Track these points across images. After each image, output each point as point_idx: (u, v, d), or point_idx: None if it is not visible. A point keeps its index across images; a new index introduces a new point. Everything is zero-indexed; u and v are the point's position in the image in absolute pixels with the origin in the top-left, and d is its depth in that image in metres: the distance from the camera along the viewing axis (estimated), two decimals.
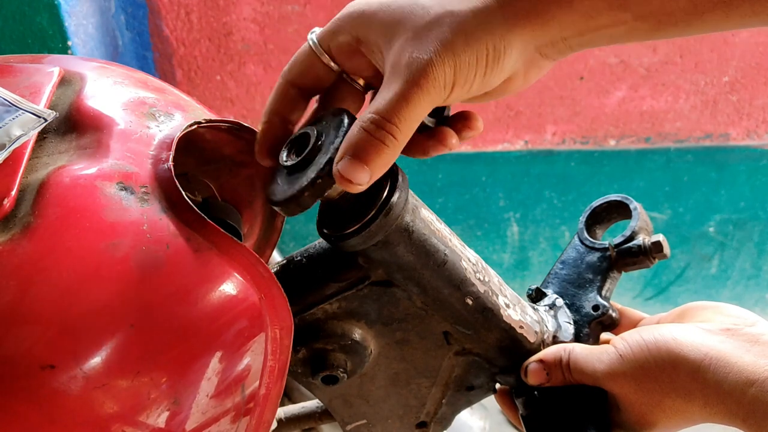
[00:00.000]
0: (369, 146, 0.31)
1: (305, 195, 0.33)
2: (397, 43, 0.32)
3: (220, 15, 1.24)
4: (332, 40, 0.36)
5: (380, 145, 0.31)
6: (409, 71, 0.31)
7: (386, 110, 0.31)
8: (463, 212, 1.57)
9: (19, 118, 0.32)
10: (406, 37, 0.32)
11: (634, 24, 0.30)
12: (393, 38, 0.32)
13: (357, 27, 0.34)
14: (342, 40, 0.35)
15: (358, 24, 0.34)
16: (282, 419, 0.57)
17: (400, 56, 0.32)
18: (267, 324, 0.34)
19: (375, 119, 0.31)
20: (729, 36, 1.38)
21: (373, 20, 0.34)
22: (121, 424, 0.28)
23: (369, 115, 0.32)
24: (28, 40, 0.95)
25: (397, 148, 0.32)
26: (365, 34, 0.34)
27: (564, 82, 1.39)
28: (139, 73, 0.43)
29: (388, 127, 0.31)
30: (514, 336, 0.45)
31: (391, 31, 0.33)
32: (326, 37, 0.36)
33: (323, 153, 0.33)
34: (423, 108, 0.32)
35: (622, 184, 1.56)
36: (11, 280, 0.27)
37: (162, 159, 0.34)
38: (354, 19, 0.35)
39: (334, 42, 0.36)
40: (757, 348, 0.37)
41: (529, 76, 0.34)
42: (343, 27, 0.35)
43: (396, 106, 0.31)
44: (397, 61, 0.32)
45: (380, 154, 0.31)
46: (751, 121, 1.49)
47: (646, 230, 0.52)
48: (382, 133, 0.31)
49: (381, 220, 0.35)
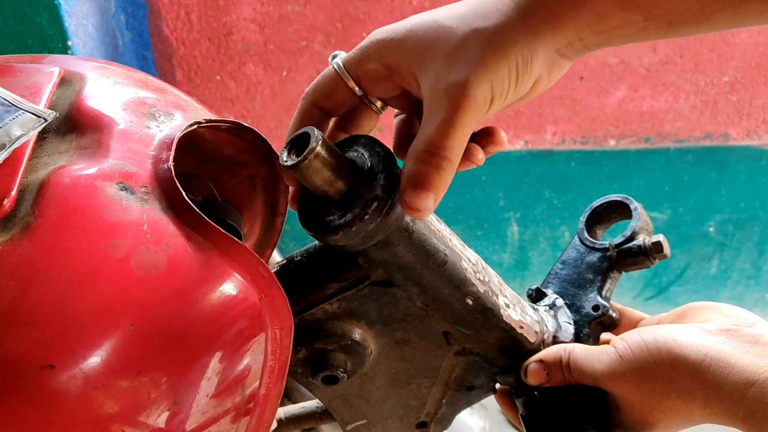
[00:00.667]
0: (428, 174, 0.33)
1: (366, 220, 0.35)
2: (432, 69, 0.33)
3: (220, 15, 1.24)
4: (360, 66, 0.37)
5: (438, 170, 0.33)
6: (450, 95, 0.32)
7: (437, 138, 0.33)
8: (463, 212, 1.57)
9: (19, 118, 0.32)
10: (439, 61, 0.33)
11: (645, 24, 0.31)
12: (426, 64, 0.34)
13: (386, 55, 0.36)
14: (371, 67, 0.36)
15: (387, 51, 0.35)
16: (282, 419, 0.57)
17: (437, 82, 0.33)
18: (267, 324, 0.34)
19: (428, 149, 0.33)
20: (729, 36, 1.38)
21: (403, 48, 0.35)
22: (121, 424, 0.28)
23: (421, 145, 0.33)
24: (28, 40, 0.95)
25: (452, 169, 0.34)
26: (396, 61, 0.35)
27: (564, 82, 1.39)
28: (139, 73, 0.43)
29: (442, 153, 0.33)
30: (514, 336, 0.45)
31: (423, 58, 0.34)
32: (353, 63, 0.37)
33: (371, 184, 0.35)
34: (469, 128, 0.33)
35: (622, 184, 1.56)
36: (11, 280, 0.27)
37: (162, 159, 0.34)
38: (382, 47, 0.36)
39: (362, 69, 0.37)
40: (757, 348, 0.37)
41: (552, 77, 0.36)
42: (371, 55, 0.36)
43: (445, 132, 0.33)
44: (435, 87, 0.33)
45: (440, 178, 0.33)
46: (751, 121, 1.49)
47: (647, 230, 0.52)
48: (437, 160, 0.33)
49: (381, 221, 0.35)
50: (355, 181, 0.36)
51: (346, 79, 0.37)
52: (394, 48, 0.35)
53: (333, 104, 0.39)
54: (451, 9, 0.35)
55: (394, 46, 0.35)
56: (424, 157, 0.33)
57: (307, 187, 0.37)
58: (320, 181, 0.35)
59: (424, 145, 0.33)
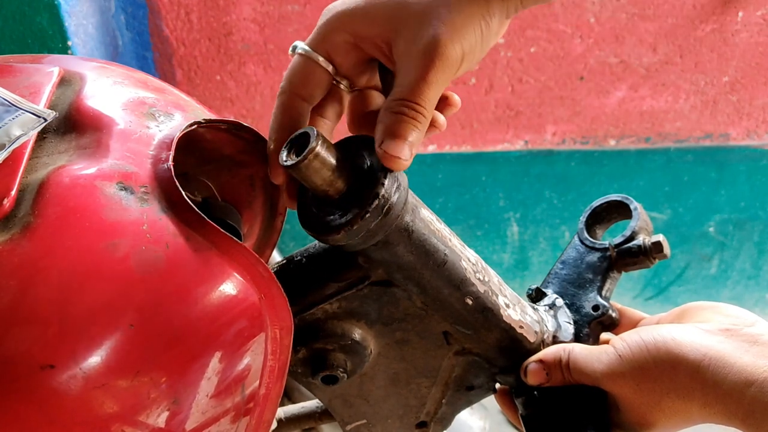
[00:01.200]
0: (405, 125, 0.35)
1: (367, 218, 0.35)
2: (404, 32, 0.35)
3: (220, 15, 1.24)
4: (326, 41, 0.38)
5: (414, 122, 0.35)
6: (425, 54, 0.34)
7: (412, 93, 0.35)
8: (463, 212, 1.57)
9: (18, 118, 0.32)
10: (410, 25, 0.35)
11: None
12: (398, 28, 0.35)
13: (353, 24, 0.37)
14: (338, 39, 0.38)
15: (354, 21, 0.37)
16: (282, 419, 0.57)
17: (412, 43, 0.35)
18: (267, 324, 0.34)
19: (405, 103, 0.35)
20: (729, 36, 1.38)
21: (371, 15, 0.36)
22: (120, 424, 0.28)
23: (398, 99, 0.35)
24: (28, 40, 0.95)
25: (425, 124, 0.35)
26: (365, 29, 0.37)
27: (564, 82, 1.39)
28: (139, 73, 0.43)
29: (417, 107, 0.35)
30: (514, 336, 0.45)
31: (394, 22, 0.36)
32: (318, 41, 0.38)
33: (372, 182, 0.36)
34: (441, 85, 0.35)
35: (622, 184, 1.56)
36: (11, 280, 0.27)
37: (162, 159, 0.34)
38: (347, 18, 0.37)
39: (330, 43, 0.38)
40: (756, 348, 0.37)
41: (499, 36, 0.38)
42: (336, 27, 0.38)
43: (420, 87, 0.35)
44: (408, 48, 0.35)
45: (414, 130, 0.35)
46: (751, 121, 1.49)
47: (647, 230, 0.52)
48: (413, 113, 0.35)
49: (381, 220, 0.35)
50: (355, 181, 0.36)
51: (316, 57, 0.38)
52: (359, 16, 0.37)
53: (311, 90, 0.39)
54: None
55: (359, 14, 0.37)
56: (400, 110, 0.35)
57: (307, 187, 0.37)
58: (320, 180, 0.35)
59: (401, 100, 0.35)
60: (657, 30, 1.35)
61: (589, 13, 1.33)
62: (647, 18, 1.34)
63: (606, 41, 1.36)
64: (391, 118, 0.35)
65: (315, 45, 0.38)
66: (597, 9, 1.32)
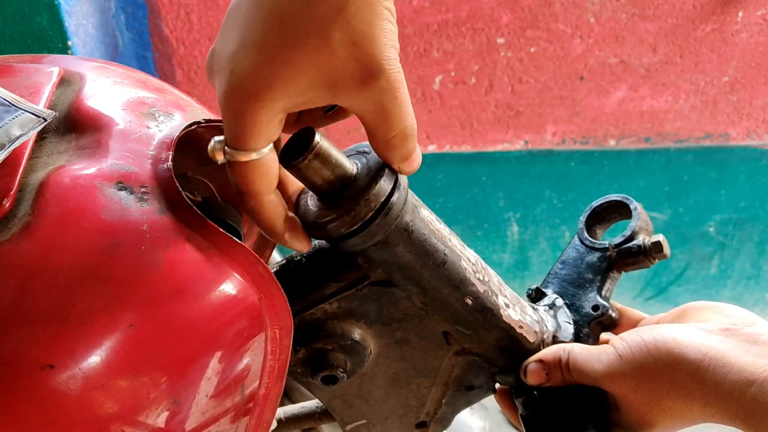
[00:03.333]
0: (404, 150, 0.35)
1: None
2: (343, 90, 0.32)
3: (220, 15, 1.24)
4: (261, 132, 0.33)
5: (409, 143, 0.35)
6: (380, 92, 0.32)
7: (390, 128, 0.33)
8: (463, 212, 1.57)
9: (18, 118, 0.32)
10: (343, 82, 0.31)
11: None
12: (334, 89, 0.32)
13: (282, 100, 0.32)
14: (274, 122, 0.33)
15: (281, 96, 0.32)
16: (282, 419, 0.57)
17: (357, 91, 0.32)
18: (267, 324, 0.34)
19: (391, 139, 0.34)
20: (729, 36, 1.38)
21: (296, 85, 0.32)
22: (120, 424, 0.28)
23: (383, 140, 0.34)
24: (28, 40, 0.95)
25: (415, 131, 0.35)
26: (299, 100, 0.33)
27: (564, 82, 1.39)
28: (139, 73, 0.43)
29: (408, 131, 0.34)
30: (513, 336, 0.45)
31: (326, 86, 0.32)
32: (249, 134, 0.33)
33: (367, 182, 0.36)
34: (407, 99, 0.34)
35: (622, 184, 1.56)
36: (10, 279, 0.27)
37: (161, 159, 0.34)
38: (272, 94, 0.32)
39: (265, 132, 0.33)
40: (756, 348, 0.37)
41: None
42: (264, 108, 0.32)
43: (396, 116, 0.33)
44: (359, 100, 0.33)
45: (413, 145, 0.35)
46: (751, 121, 1.49)
47: (646, 230, 0.52)
48: (409, 137, 0.34)
49: (381, 220, 0.35)
50: (355, 181, 0.36)
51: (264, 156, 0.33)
52: (282, 88, 0.31)
53: (276, 182, 0.35)
54: None
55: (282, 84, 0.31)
56: (396, 142, 0.34)
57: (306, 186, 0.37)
58: (320, 180, 0.35)
59: (389, 136, 0.33)
60: (657, 30, 1.35)
61: (589, 13, 1.33)
62: (647, 18, 1.34)
63: (606, 41, 1.36)
64: (391, 151, 0.34)
65: (251, 142, 0.32)
66: (597, 9, 1.32)
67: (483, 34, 1.33)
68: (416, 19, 1.30)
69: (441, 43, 1.33)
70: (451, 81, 1.37)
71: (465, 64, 1.35)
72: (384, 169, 0.36)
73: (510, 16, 1.31)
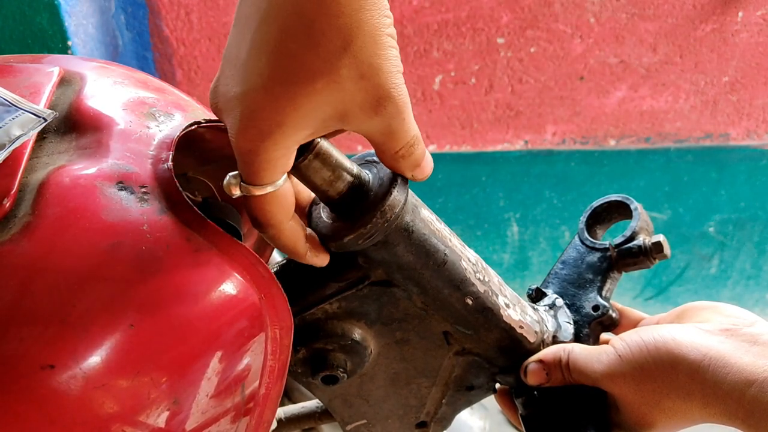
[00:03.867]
0: (413, 159, 0.35)
1: None
2: (352, 117, 0.32)
3: (220, 15, 1.24)
4: (279, 162, 0.33)
5: (418, 153, 0.35)
6: (386, 112, 0.32)
7: (399, 139, 0.34)
8: (463, 212, 1.57)
9: (18, 118, 0.32)
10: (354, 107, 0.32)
11: None
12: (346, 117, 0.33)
13: (297, 133, 0.32)
14: (290, 149, 0.33)
15: (298, 128, 0.32)
16: (282, 419, 0.57)
17: (366, 115, 0.32)
18: (267, 324, 0.34)
19: (398, 153, 0.35)
20: (729, 36, 1.38)
21: (312, 109, 0.32)
22: (120, 424, 0.28)
23: (392, 154, 0.35)
24: (28, 40, 0.95)
25: (421, 140, 0.36)
26: (314, 128, 0.33)
27: (564, 82, 1.39)
28: (139, 73, 0.44)
29: (415, 142, 0.35)
30: (513, 336, 0.45)
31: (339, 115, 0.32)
32: (275, 166, 0.33)
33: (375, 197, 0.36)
34: (411, 113, 0.34)
35: (622, 184, 1.56)
36: (11, 279, 0.27)
37: (162, 159, 0.34)
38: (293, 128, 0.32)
39: (282, 161, 0.33)
40: (756, 348, 0.37)
41: None
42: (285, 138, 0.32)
43: (402, 132, 0.34)
44: (367, 122, 0.33)
45: (421, 153, 0.36)
46: (751, 121, 1.49)
47: (647, 230, 0.52)
48: (416, 148, 0.35)
49: (382, 222, 0.35)
50: (355, 182, 0.36)
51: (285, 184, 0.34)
52: (301, 119, 0.31)
53: (293, 207, 0.36)
54: None
55: (302, 116, 0.31)
56: (405, 154, 0.34)
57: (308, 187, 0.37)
58: (320, 180, 0.35)
59: (396, 150, 0.34)
60: (657, 30, 1.35)
61: (589, 13, 1.33)
62: (647, 18, 1.34)
63: (606, 41, 1.36)
64: (400, 162, 0.35)
65: (266, 177, 0.32)
66: (597, 9, 1.32)
67: (483, 34, 1.33)
68: (416, 19, 1.30)
69: (441, 43, 1.33)
70: (451, 81, 1.37)
71: (465, 64, 1.35)
72: (397, 179, 0.36)
73: (510, 16, 1.31)
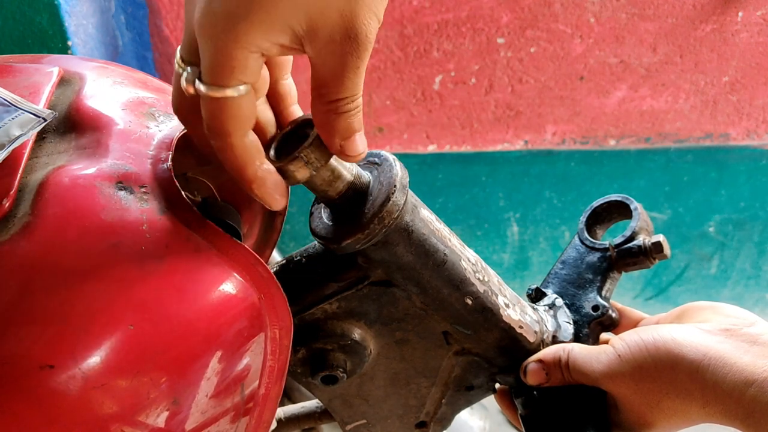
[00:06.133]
0: (352, 121, 0.32)
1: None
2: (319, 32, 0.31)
3: None
4: (241, 70, 0.32)
5: (358, 113, 0.32)
6: (343, 44, 0.30)
7: (344, 87, 0.31)
8: (463, 212, 1.57)
9: (18, 118, 0.32)
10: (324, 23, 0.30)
11: None
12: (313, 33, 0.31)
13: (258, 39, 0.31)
14: (252, 63, 0.32)
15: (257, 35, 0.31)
16: (282, 419, 0.57)
17: (326, 35, 0.30)
18: (266, 324, 0.34)
19: (339, 101, 0.31)
20: (729, 36, 1.38)
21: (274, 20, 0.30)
22: (120, 424, 0.28)
23: (331, 101, 0.31)
24: (28, 40, 0.95)
25: (361, 108, 0.33)
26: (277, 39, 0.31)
27: (564, 82, 1.39)
28: (139, 73, 0.44)
29: (355, 98, 0.32)
30: (513, 336, 0.45)
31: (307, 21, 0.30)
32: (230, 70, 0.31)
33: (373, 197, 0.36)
34: (364, 68, 0.32)
35: (622, 184, 1.56)
36: (10, 279, 0.27)
37: (161, 159, 0.34)
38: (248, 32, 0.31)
39: (246, 71, 0.32)
40: (756, 348, 0.37)
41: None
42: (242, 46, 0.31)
43: (349, 78, 0.31)
44: (320, 39, 0.31)
45: (360, 118, 0.33)
46: (751, 121, 1.49)
47: (647, 230, 0.52)
48: (354, 105, 0.32)
49: (382, 223, 0.35)
50: (355, 182, 0.36)
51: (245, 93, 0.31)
52: (260, 25, 0.29)
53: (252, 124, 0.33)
54: None
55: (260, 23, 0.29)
56: (343, 107, 0.31)
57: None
58: (320, 180, 0.35)
59: (338, 101, 0.31)
60: (657, 30, 1.35)
61: (589, 13, 1.32)
62: (647, 18, 1.34)
63: (606, 41, 1.36)
64: (336, 119, 0.32)
65: (224, 78, 0.30)
66: (597, 9, 1.32)
67: (483, 34, 1.32)
68: (416, 19, 1.30)
69: (441, 43, 1.33)
70: (451, 81, 1.37)
71: (465, 64, 1.35)
72: (396, 183, 0.36)
73: (510, 16, 1.31)
